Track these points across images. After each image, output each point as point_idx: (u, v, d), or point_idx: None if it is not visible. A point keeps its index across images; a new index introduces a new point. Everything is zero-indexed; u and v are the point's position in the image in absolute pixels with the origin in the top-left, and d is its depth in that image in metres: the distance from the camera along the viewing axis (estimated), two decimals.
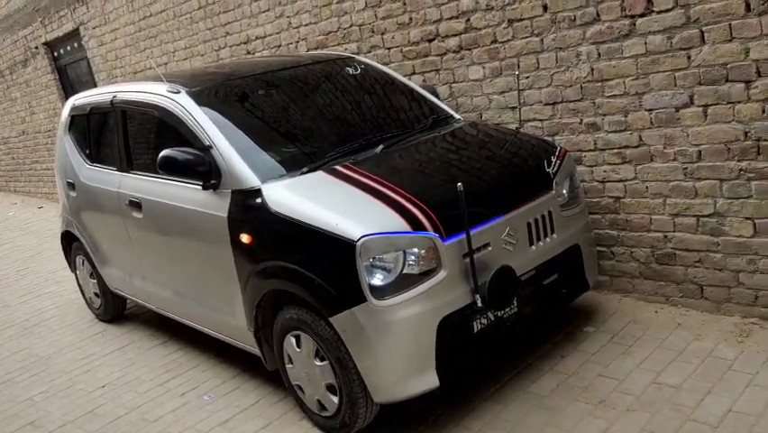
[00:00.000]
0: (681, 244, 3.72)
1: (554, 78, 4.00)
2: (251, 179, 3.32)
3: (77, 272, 5.51)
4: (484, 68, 4.35)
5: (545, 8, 3.92)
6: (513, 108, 4.26)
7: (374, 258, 2.86)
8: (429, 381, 2.94)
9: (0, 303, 6.36)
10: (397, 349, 2.91)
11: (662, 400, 3.06)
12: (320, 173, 3.31)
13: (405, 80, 4.36)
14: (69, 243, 5.41)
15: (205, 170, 3.45)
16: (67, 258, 5.62)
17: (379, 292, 2.86)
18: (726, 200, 3.49)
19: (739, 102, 3.31)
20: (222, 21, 6.30)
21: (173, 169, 3.47)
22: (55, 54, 9.75)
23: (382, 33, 4.92)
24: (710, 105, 3.41)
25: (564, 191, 3.52)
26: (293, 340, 3.27)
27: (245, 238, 3.28)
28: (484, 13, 4.23)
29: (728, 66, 3.30)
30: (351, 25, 5.12)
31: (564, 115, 4.02)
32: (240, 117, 3.74)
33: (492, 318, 3.15)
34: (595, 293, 4.09)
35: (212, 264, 3.59)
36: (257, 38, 6.00)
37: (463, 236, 2.96)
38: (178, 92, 3.78)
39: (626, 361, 3.43)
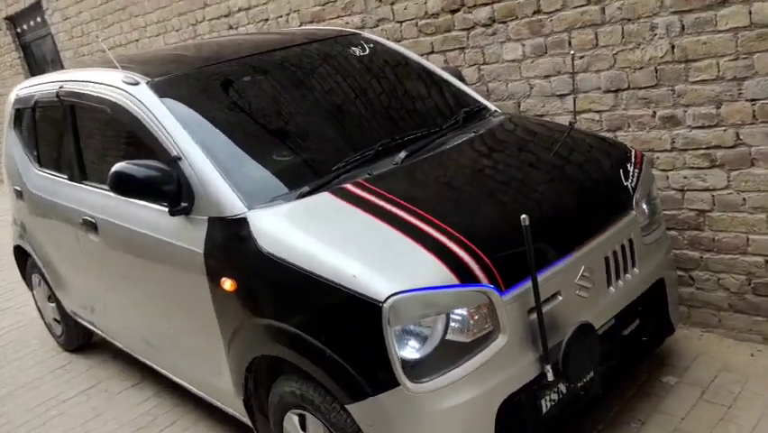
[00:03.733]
0: None
1: (619, 59, 3.14)
2: (233, 203, 2.47)
3: (34, 292, 4.67)
4: (524, 45, 3.47)
5: None
6: (561, 96, 3.41)
7: (408, 325, 2.03)
8: None
9: None
10: None
11: None
12: (325, 195, 2.45)
13: (425, 62, 3.48)
14: (24, 257, 4.55)
15: (172, 189, 2.59)
16: (22, 275, 4.77)
17: (414, 371, 2.04)
18: None
19: None
20: None
21: (130, 189, 2.61)
22: (18, 30, 8.77)
23: (392, 3, 4.02)
24: None
25: (645, 208, 2.70)
26: (295, 419, 2.45)
27: (228, 285, 2.44)
28: None
29: None
30: None
31: (631, 106, 3.17)
32: (219, 118, 2.85)
33: (564, 391, 2.35)
34: None
35: (188, 311, 2.76)
36: (240, 10, 5.09)
37: (526, 285, 2.14)
38: (137, 83, 2.90)
39: (729, 431, 2.64)
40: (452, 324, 2.09)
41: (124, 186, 2.60)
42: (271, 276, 2.29)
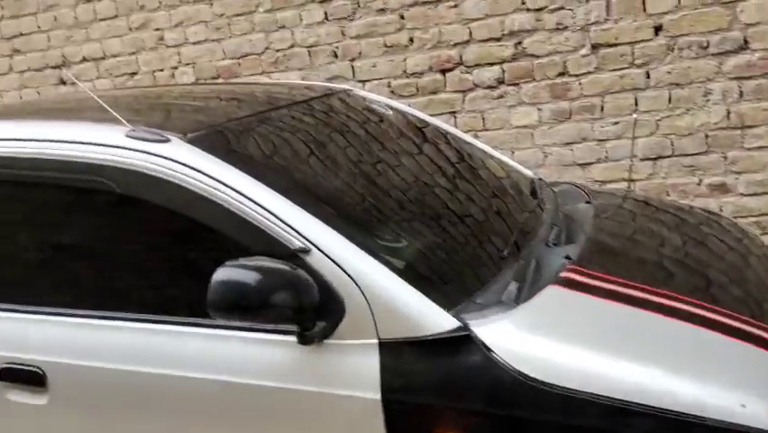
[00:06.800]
0: None
1: (662, 125, 3.00)
2: (434, 315, 1.62)
3: None
4: (540, 109, 3.16)
5: (657, 30, 2.92)
6: (583, 165, 3.15)
7: None
8: None
9: None
10: None
11: None
12: (556, 290, 1.77)
13: (442, 124, 2.92)
14: None
15: (308, 301, 1.63)
16: None
17: None
18: None
19: None
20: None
21: (240, 307, 1.59)
22: None
23: (352, 60, 3.38)
24: None
25: None
26: None
27: None
28: (548, 35, 3.06)
29: None
30: (292, 45, 3.46)
31: (673, 174, 3.04)
32: (317, 191, 1.94)
33: None
34: None
35: None
36: (85, 60, 3.87)
37: None
38: (167, 140, 1.85)
39: None
40: None
41: (233, 303, 1.58)
42: (558, 417, 1.51)
